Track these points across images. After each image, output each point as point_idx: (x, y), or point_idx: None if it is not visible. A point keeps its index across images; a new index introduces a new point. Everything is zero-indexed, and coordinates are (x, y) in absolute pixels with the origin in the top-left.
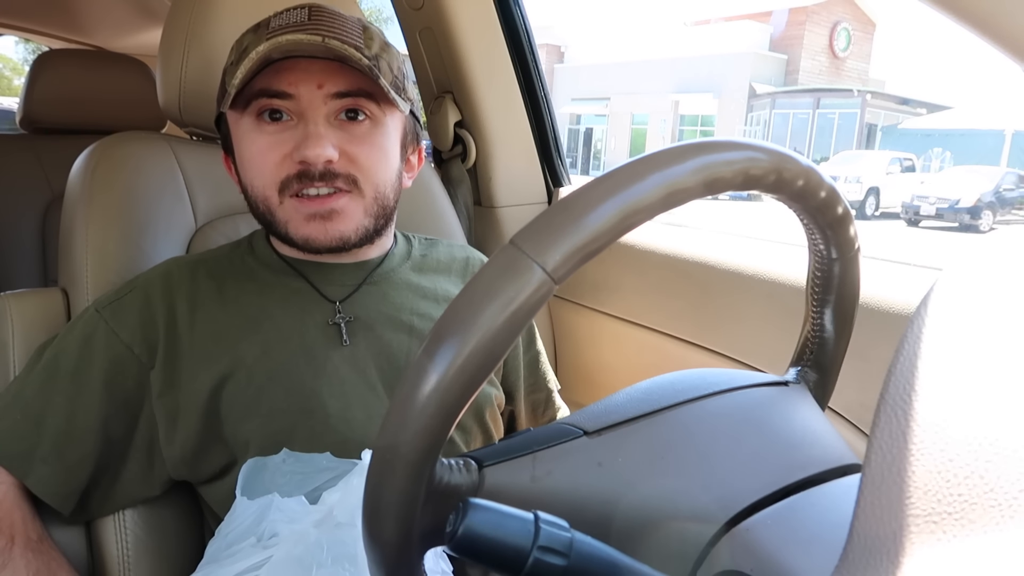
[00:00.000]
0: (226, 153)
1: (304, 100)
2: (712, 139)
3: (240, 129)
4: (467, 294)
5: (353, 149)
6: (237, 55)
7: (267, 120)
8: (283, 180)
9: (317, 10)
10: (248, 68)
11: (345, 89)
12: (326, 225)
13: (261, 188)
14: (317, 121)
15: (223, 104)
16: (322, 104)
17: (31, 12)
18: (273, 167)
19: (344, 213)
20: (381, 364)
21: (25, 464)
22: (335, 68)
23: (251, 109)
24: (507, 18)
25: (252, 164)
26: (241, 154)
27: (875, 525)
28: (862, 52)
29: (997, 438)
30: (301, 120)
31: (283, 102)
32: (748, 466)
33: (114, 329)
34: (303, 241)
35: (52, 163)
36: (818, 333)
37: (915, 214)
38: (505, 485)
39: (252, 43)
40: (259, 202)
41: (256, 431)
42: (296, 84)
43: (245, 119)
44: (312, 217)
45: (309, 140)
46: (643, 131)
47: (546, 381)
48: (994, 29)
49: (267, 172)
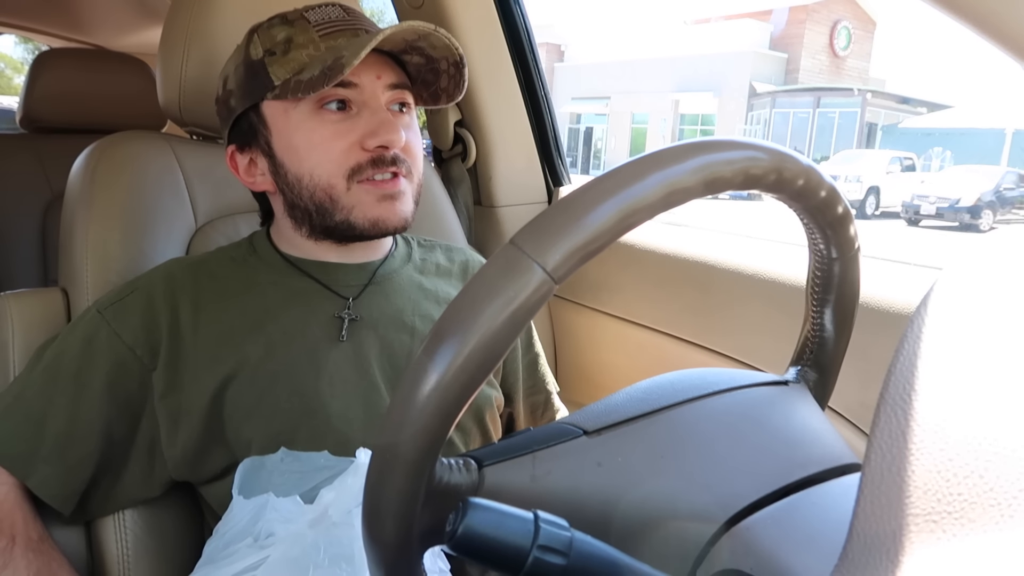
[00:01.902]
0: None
1: (367, 90)
2: (712, 138)
3: (292, 120)
4: (467, 294)
5: (407, 137)
6: (278, 46)
7: (331, 110)
8: (354, 167)
9: (347, 8)
10: (362, 55)
11: (397, 81)
12: (395, 205)
13: (326, 176)
14: (383, 109)
15: (296, 89)
16: (382, 94)
17: (31, 11)
18: (341, 154)
19: (406, 194)
20: (384, 364)
21: (26, 465)
22: (385, 61)
23: (311, 99)
24: (507, 17)
25: (315, 152)
26: (295, 144)
27: (875, 524)
28: (862, 51)
29: (997, 438)
30: (364, 109)
31: (348, 91)
32: (748, 465)
33: (116, 330)
34: (371, 223)
35: (52, 163)
36: (818, 333)
37: (915, 213)
38: (505, 485)
39: (298, 34)
40: (317, 191)
41: (258, 431)
42: (359, 74)
43: (300, 109)
44: (384, 198)
45: (386, 125)
46: (643, 130)
47: (545, 383)
48: (994, 28)
49: (335, 159)
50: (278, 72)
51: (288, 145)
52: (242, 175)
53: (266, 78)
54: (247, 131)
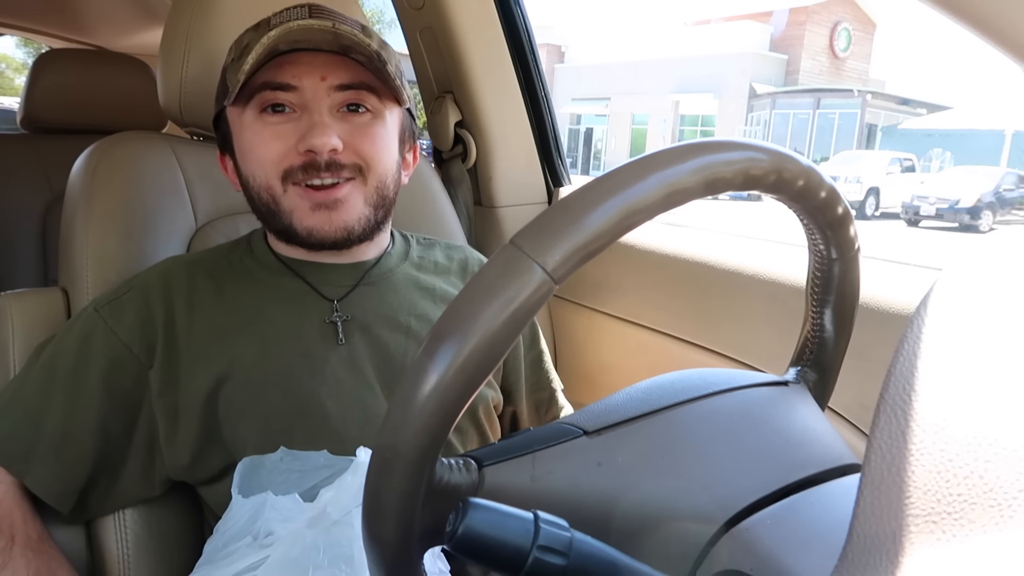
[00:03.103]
0: (223, 152)
1: (308, 92)
2: (712, 139)
3: (242, 123)
4: (467, 294)
5: (356, 139)
6: (238, 52)
7: (270, 113)
8: (287, 170)
9: (317, 8)
10: (257, 57)
11: (348, 81)
12: (331, 215)
13: (264, 178)
14: (322, 112)
15: (227, 98)
16: (325, 96)
17: (32, 12)
18: (276, 157)
19: (348, 202)
20: (378, 364)
21: (24, 463)
22: (338, 61)
23: (254, 103)
24: (507, 18)
25: (254, 155)
26: (242, 147)
27: (875, 525)
28: (862, 52)
29: (997, 438)
30: (304, 112)
31: (287, 95)
32: (748, 466)
33: (113, 328)
34: (307, 232)
35: (52, 163)
36: (818, 333)
37: (915, 214)
38: (505, 485)
39: (253, 40)
40: (261, 192)
41: (254, 432)
42: (300, 76)
43: (247, 113)
44: (317, 207)
45: (315, 129)
46: (643, 131)
47: (549, 380)
48: (994, 29)
49: (270, 162)
50: (231, 78)
51: (239, 148)
52: (229, 174)
53: (224, 85)
54: (224, 135)
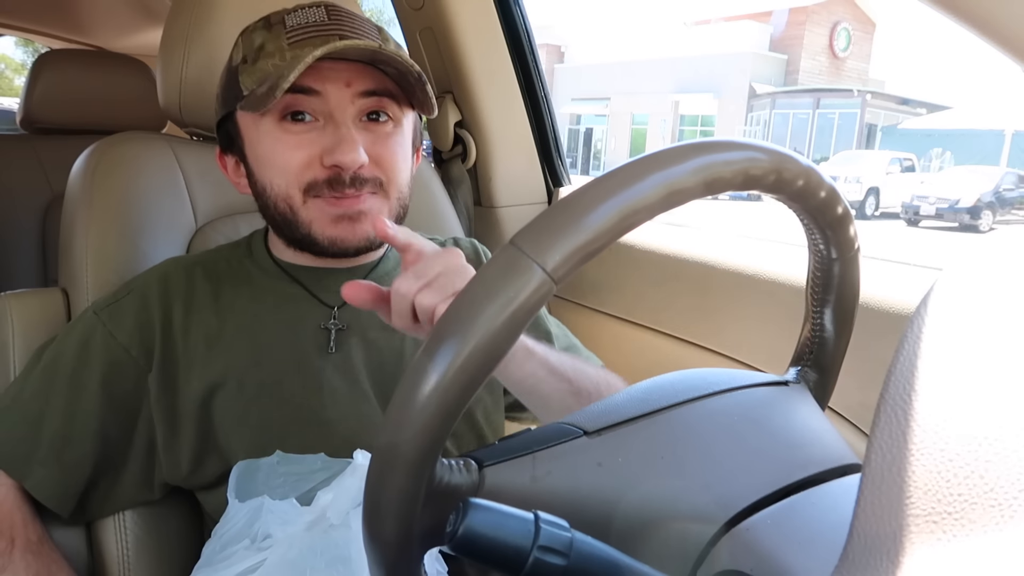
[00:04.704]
0: (226, 153)
1: (332, 99)
2: (712, 139)
3: (260, 129)
4: (467, 294)
5: (379, 151)
6: (251, 53)
7: (291, 121)
8: (310, 183)
9: (335, 10)
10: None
11: (372, 88)
12: (354, 226)
13: (284, 188)
14: (347, 123)
15: (251, 104)
16: (349, 104)
17: (32, 12)
18: (298, 168)
19: (370, 214)
20: (373, 371)
21: (24, 466)
22: (360, 68)
23: (275, 108)
24: (507, 18)
25: (275, 164)
26: (260, 154)
27: (875, 525)
28: (862, 52)
29: (997, 438)
30: (329, 121)
31: (309, 100)
32: (748, 466)
33: (112, 331)
34: (329, 242)
35: (52, 163)
36: (818, 333)
37: (915, 214)
38: (505, 485)
39: (269, 41)
40: (279, 202)
41: (247, 441)
42: (323, 81)
43: (267, 119)
44: (340, 219)
45: (343, 144)
46: (643, 131)
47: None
48: (994, 29)
49: (292, 172)
50: (246, 82)
51: (255, 155)
52: (230, 175)
53: (237, 87)
54: (229, 135)
